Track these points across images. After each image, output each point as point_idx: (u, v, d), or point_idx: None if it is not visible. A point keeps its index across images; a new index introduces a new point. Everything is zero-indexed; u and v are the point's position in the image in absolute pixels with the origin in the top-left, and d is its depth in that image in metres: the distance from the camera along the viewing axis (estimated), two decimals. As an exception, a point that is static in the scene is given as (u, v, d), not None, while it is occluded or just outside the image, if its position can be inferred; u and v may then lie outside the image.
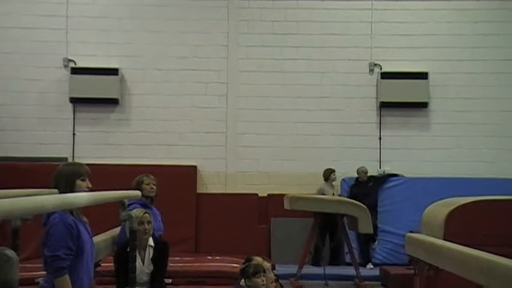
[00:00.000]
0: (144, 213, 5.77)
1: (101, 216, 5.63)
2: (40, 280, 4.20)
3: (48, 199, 2.45)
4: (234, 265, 9.29)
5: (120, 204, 4.23)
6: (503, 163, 12.39)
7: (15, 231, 3.62)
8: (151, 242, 5.85)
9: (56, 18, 12.43)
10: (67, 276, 3.99)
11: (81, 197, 3.46)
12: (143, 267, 5.72)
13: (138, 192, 5.24)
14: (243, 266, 5.93)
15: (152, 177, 6.57)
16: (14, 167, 11.43)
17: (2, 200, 1.94)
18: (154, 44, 12.60)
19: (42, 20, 12.43)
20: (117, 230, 6.21)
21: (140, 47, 12.58)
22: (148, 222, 5.76)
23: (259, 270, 5.70)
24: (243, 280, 5.81)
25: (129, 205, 5.85)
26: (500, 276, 3.74)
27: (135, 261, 4.71)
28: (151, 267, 5.76)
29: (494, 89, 12.57)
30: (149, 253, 5.81)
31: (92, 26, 12.52)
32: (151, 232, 5.83)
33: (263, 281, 5.68)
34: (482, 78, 12.59)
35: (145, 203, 6.23)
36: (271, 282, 5.88)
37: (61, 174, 4.20)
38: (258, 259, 6.72)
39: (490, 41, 12.62)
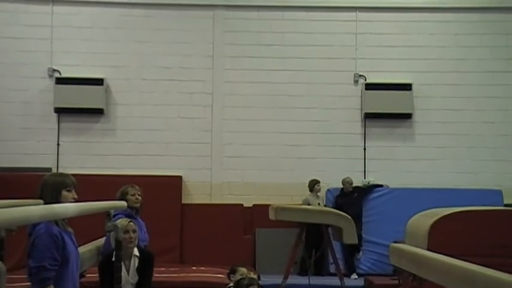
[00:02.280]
0: (129, 221, 5.77)
1: (85, 226, 5.63)
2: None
3: (35, 210, 2.45)
4: (219, 275, 9.31)
5: (106, 214, 4.23)
6: (487, 174, 12.49)
7: (0, 242, 3.62)
8: (136, 252, 5.84)
9: (41, 28, 12.41)
10: (52, 287, 3.98)
11: (68, 207, 3.46)
12: (128, 277, 5.71)
13: (124, 203, 5.24)
14: (238, 279, 5.99)
15: (137, 187, 6.55)
16: (-2, 177, 11.37)
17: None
18: (139, 54, 12.61)
19: (27, 30, 12.40)
20: (102, 240, 6.20)
21: (125, 57, 12.57)
22: (134, 231, 5.75)
23: (253, 283, 5.79)
24: None
25: (114, 216, 5.85)
26: (482, 287, 3.77)
27: (121, 272, 4.70)
28: (136, 277, 5.75)
29: (477, 101, 12.68)
30: (134, 263, 5.80)
31: (76, 36, 12.50)
32: (136, 241, 5.82)
33: None
34: (465, 90, 12.70)
35: (130, 213, 6.21)
36: None
37: (47, 185, 4.19)
38: (242, 269, 6.75)
39: (472, 52, 12.74)
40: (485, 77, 12.70)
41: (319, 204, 11.68)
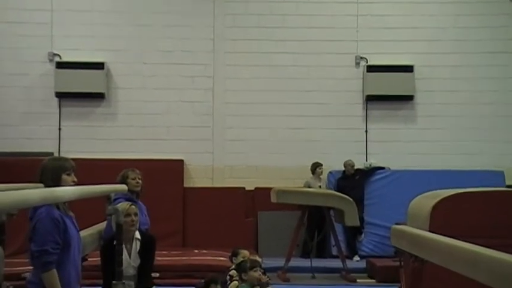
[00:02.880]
0: (130, 205, 5.76)
1: (87, 210, 5.63)
2: (27, 275, 4.19)
3: (33, 193, 2.45)
4: (221, 258, 9.32)
5: (106, 198, 4.23)
6: (488, 155, 12.48)
7: (0, 226, 3.62)
8: (137, 235, 5.84)
9: (41, 12, 12.36)
10: (55, 271, 3.99)
11: (67, 191, 3.45)
12: (130, 260, 5.71)
13: (124, 186, 5.23)
14: (240, 260, 6.02)
15: (138, 171, 6.55)
16: (0, 162, 11.36)
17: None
18: (140, 37, 12.57)
19: (27, 14, 12.36)
20: (104, 224, 6.20)
21: (126, 40, 12.54)
22: (135, 214, 5.74)
23: (256, 265, 5.81)
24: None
25: (114, 200, 5.85)
26: (484, 268, 3.77)
27: (122, 255, 4.70)
28: (138, 260, 5.75)
29: (478, 81, 12.65)
30: (136, 246, 5.80)
31: (77, 20, 12.46)
32: (137, 224, 5.82)
33: (259, 274, 5.78)
34: (465, 71, 12.67)
35: (131, 197, 6.21)
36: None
37: (47, 169, 4.19)
38: (244, 252, 6.77)
39: (472, 33, 12.70)
40: (486, 57, 12.66)
41: (320, 187, 11.68)
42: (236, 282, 6.10)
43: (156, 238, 6.12)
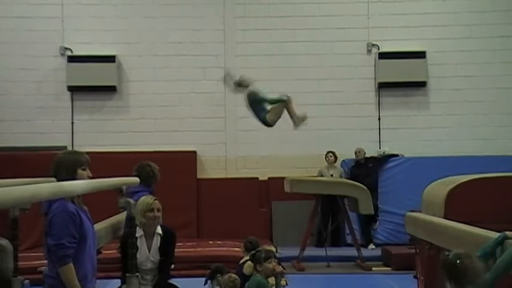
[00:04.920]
0: (154, 199, 5.75)
1: (101, 203, 5.63)
2: (43, 269, 4.19)
3: (44, 187, 2.44)
4: (235, 249, 9.33)
5: (118, 191, 4.22)
6: (502, 140, 12.40)
7: (13, 221, 3.62)
8: (159, 230, 5.81)
9: (51, 6, 12.38)
10: (71, 265, 3.99)
11: (77, 184, 3.45)
12: (148, 254, 5.69)
13: (136, 179, 5.21)
14: (255, 251, 5.99)
15: (154, 165, 6.59)
16: (13, 157, 11.41)
17: (-3, 189, 1.93)
18: (150, 29, 12.56)
19: (37, 9, 12.38)
20: (118, 217, 6.21)
21: (136, 33, 12.54)
22: (158, 210, 5.72)
23: (270, 256, 5.78)
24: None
25: (136, 192, 5.84)
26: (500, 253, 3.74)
27: (134, 248, 4.69)
28: (158, 256, 5.72)
29: (491, 66, 12.54)
30: (157, 241, 5.76)
31: (87, 14, 12.47)
32: (160, 219, 5.79)
33: (274, 265, 5.76)
34: (479, 56, 12.56)
35: (153, 191, 6.23)
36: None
37: (62, 163, 4.15)
38: (257, 241, 6.75)
39: (485, 18, 12.58)
40: (499, 41, 12.55)
41: (332, 175, 11.65)
42: (250, 262, 6.09)
43: (175, 233, 6.07)
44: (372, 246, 11.60)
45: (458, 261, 3.67)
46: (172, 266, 6.18)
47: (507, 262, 3.59)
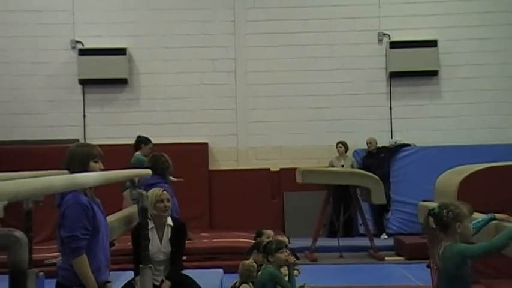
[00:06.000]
0: (162, 191, 5.76)
1: (112, 196, 5.65)
2: (56, 261, 4.21)
3: (57, 179, 2.45)
4: (248, 240, 9.33)
5: (131, 183, 4.22)
6: (515, 129, 12.33)
7: (27, 213, 3.64)
8: (170, 221, 5.82)
9: (62, 0, 12.41)
10: (85, 256, 4.00)
11: (90, 176, 3.45)
12: (160, 246, 5.71)
13: (148, 171, 5.22)
14: (266, 242, 5.99)
15: (167, 157, 6.62)
16: (26, 150, 11.48)
17: (10, 181, 1.94)
18: (160, 22, 12.57)
19: (48, 2, 12.41)
20: (131, 209, 6.23)
21: (147, 25, 12.54)
22: (168, 200, 5.73)
23: (282, 246, 5.77)
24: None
25: (153, 184, 5.85)
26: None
27: (147, 240, 4.70)
28: (169, 247, 5.73)
29: (502, 54, 12.46)
30: (168, 233, 5.77)
31: (97, 7, 12.49)
32: (170, 210, 5.80)
33: (286, 256, 5.75)
34: (490, 44, 12.48)
35: (168, 182, 6.26)
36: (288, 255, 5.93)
37: (74, 156, 4.15)
38: (268, 232, 6.75)
39: (496, 5, 12.49)
40: (510, 29, 12.45)
41: (342, 166, 11.64)
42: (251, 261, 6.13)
43: (186, 223, 6.10)
44: (384, 236, 11.59)
45: (445, 210, 3.94)
46: (185, 257, 6.20)
47: (502, 243, 3.72)
